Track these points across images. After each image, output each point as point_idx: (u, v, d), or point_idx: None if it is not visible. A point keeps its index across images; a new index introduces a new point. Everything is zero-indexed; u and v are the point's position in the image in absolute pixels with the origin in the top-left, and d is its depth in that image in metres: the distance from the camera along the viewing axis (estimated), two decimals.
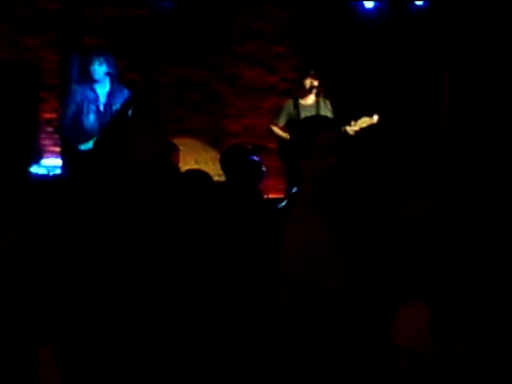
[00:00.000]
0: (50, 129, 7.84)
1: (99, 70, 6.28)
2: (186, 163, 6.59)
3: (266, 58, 8.76)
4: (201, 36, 8.50)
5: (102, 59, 6.29)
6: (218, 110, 8.63)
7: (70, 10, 7.95)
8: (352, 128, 7.03)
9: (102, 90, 6.35)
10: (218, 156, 7.52)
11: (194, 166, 5.10)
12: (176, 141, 6.70)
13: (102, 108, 6.31)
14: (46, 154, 7.33)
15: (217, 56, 8.57)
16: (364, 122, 7.09)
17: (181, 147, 6.71)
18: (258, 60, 8.74)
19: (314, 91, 7.22)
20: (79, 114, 6.26)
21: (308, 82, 7.21)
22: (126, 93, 6.38)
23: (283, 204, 3.28)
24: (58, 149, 7.62)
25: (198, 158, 5.96)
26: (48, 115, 7.89)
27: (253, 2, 8.59)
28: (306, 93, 7.25)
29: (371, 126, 7.12)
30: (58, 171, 6.78)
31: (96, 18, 8.12)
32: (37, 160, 5.57)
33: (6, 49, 7.85)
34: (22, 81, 7.68)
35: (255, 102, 8.69)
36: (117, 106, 6.28)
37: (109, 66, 6.31)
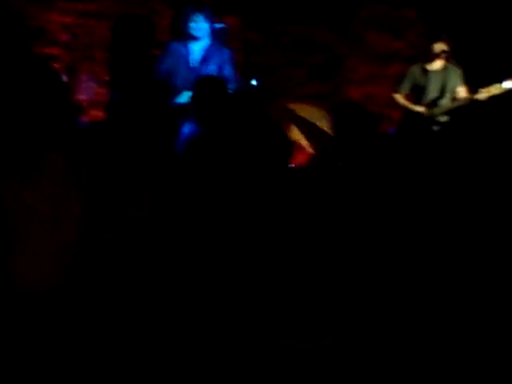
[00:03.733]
0: None
1: (203, 26, 5.95)
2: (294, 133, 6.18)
3: (394, 22, 8.19)
4: None
5: (205, 14, 5.97)
6: (339, 74, 8.14)
7: None
8: (481, 95, 6.39)
9: (197, 47, 6.02)
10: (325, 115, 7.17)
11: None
12: (294, 106, 6.34)
13: (193, 65, 6.00)
14: None
15: (341, 18, 8.06)
16: (495, 88, 6.43)
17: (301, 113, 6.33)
18: (384, 24, 8.18)
19: (444, 56, 6.65)
20: (172, 70, 5.97)
21: (437, 47, 6.65)
22: (225, 53, 6.03)
23: None
24: None
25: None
26: None
27: None
28: (433, 58, 6.69)
29: (503, 94, 6.48)
30: None
31: None
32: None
33: (121, 2, 7.59)
34: (137, 36, 7.42)
35: (378, 69, 8.15)
36: (212, 65, 5.95)
37: (209, 22, 5.99)
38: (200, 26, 5.99)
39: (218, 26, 6.18)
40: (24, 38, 6.66)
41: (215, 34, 6.13)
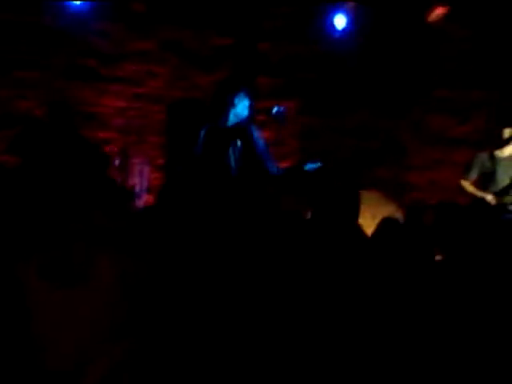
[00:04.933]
0: None
1: (248, 105, 5.83)
2: (364, 217, 5.89)
3: (458, 106, 7.87)
4: (383, 80, 7.76)
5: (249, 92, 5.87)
6: (401, 160, 7.83)
7: (244, 47, 7.44)
8: None
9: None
10: (398, 210, 6.88)
11: (371, 221, 4.38)
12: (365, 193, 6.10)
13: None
14: None
15: (401, 102, 7.79)
16: None
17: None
18: (448, 107, 7.87)
19: None
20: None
21: (508, 132, 6.32)
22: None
23: None
24: None
25: (375, 213, 5.25)
26: None
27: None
28: (503, 144, 6.35)
29: None
30: None
31: (272, 56, 7.57)
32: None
33: (177, 87, 7.44)
34: (191, 120, 7.23)
35: (443, 154, 7.81)
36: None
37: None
38: (246, 105, 5.85)
39: (276, 109, 5.97)
40: (73, 123, 6.53)
41: (274, 117, 5.95)
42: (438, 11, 7.56)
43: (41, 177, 4.11)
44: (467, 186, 6.48)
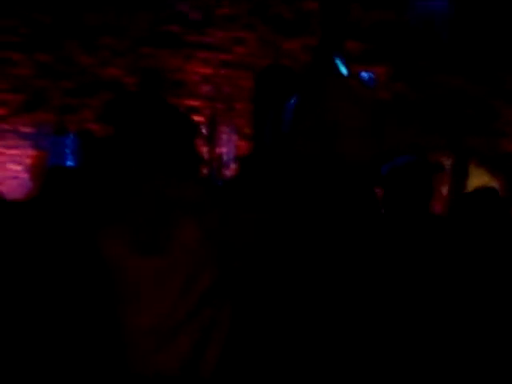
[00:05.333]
0: None
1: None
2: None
3: None
4: (479, 45, 7.52)
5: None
6: (495, 128, 7.60)
7: (333, 12, 7.28)
8: None
9: None
10: (488, 180, 6.71)
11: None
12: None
13: None
14: None
15: (497, 69, 7.54)
16: None
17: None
18: None
19: None
20: None
21: None
22: None
23: None
24: None
25: (471, 183, 5.10)
26: None
27: None
28: None
29: None
30: None
31: (362, 21, 7.40)
32: None
33: (264, 53, 7.33)
34: (278, 88, 7.11)
35: None
36: None
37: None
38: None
39: (365, 74, 5.80)
40: (163, 92, 6.49)
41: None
42: None
43: (130, 148, 4.04)
44: None
